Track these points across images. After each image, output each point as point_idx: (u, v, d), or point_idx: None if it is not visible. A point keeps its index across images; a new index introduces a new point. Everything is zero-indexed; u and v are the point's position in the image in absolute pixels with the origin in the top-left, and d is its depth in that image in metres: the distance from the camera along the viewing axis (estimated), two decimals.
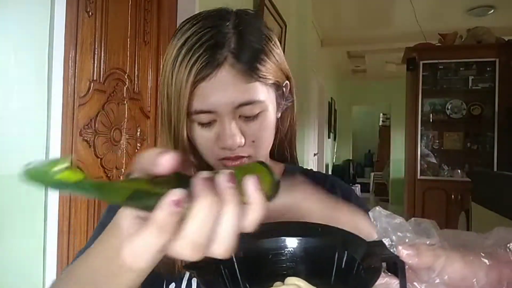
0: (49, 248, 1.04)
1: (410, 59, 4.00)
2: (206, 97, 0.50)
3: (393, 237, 0.35)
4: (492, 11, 4.22)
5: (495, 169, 3.80)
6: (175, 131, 0.53)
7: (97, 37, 1.26)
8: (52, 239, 1.06)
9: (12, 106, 0.92)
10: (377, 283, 0.35)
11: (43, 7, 1.01)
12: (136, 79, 1.47)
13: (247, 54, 0.51)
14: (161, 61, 0.69)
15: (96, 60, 1.26)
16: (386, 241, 0.35)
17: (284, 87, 0.59)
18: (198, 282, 0.55)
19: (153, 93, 1.56)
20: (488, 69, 3.93)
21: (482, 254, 0.34)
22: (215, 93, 0.50)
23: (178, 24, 1.31)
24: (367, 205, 0.61)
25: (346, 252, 0.40)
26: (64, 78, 1.10)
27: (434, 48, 4.09)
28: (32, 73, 0.99)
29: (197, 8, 1.72)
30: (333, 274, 0.40)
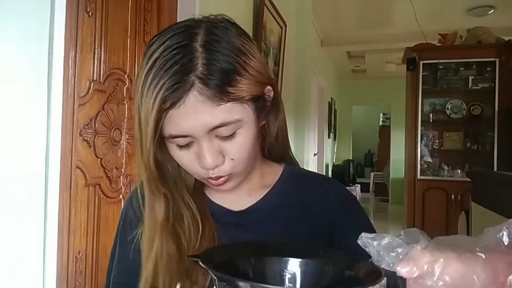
0: (49, 248, 1.04)
1: (410, 59, 4.00)
2: (179, 123, 0.50)
3: (388, 258, 0.35)
4: (492, 11, 4.22)
5: (495, 169, 3.80)
6: (143, 155, 0.53)
7: (97, 37, 1.26)
8: (52, 239, 1.06)
9: (12, 106, 0.92)
10: None
11: (43, 7, 1.01)
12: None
13: (215, 78, 0.48)
14: None
15: (96, 60, 1.26)
16: (383, 265, 0.36)
17: (266, 93, 0.57)
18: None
19: None
20: (488, 69, 3.93)
21: (477, 249, 0.34)
22: (186, 119, 0.49)
23: None
24: (367, 205, 0.62)
25: (347, 272, 0.41)
26: (64, 78, 1.10)
27: (434, 48, 4.09)
28: (32, 73, 0.98)
29: (197, 8, 1.71)
30: None
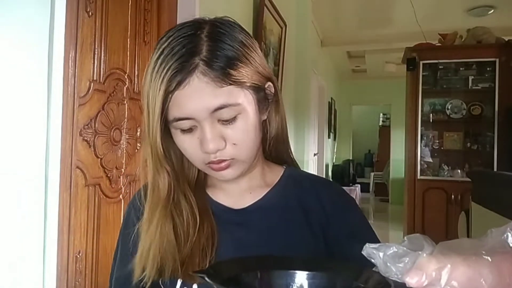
0: (49, 248, 1.04)
1: (410, 59, 4.00)
2: (182, 104, 0.52)
3: (395, 270, 0.35)
4: (492, 11, 4.22)
5: (495, 169, 3.79)
6: (151, 135, 0.55)
7: (97, 37, 1.26)
8: (52, 239, 1.06)
9: (12, 106, 0.92)
10: None
11: (43, 7, 1.01)
12: (136, 79, 1.48)
13: (218, 60, 0.52)
14: None
15: (96, 60, 1.26)
16: (391, 276, 0.35)
17: (267, 88, 0.60)
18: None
19: None
20: (488, 69, 3.93)
21: (483, 252, 0.34)
22: (190, 100, 0.52)
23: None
24: (367, 206, 0.62)
25: (355, 283, 0.41)
26: (64, 78, 1.10)
27: (434, 48, 4.08)
28: (32, 73, 0.98)
29: (197, 8, 1.71)
30: None
